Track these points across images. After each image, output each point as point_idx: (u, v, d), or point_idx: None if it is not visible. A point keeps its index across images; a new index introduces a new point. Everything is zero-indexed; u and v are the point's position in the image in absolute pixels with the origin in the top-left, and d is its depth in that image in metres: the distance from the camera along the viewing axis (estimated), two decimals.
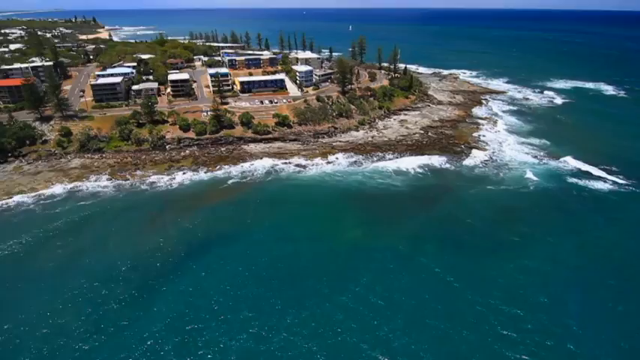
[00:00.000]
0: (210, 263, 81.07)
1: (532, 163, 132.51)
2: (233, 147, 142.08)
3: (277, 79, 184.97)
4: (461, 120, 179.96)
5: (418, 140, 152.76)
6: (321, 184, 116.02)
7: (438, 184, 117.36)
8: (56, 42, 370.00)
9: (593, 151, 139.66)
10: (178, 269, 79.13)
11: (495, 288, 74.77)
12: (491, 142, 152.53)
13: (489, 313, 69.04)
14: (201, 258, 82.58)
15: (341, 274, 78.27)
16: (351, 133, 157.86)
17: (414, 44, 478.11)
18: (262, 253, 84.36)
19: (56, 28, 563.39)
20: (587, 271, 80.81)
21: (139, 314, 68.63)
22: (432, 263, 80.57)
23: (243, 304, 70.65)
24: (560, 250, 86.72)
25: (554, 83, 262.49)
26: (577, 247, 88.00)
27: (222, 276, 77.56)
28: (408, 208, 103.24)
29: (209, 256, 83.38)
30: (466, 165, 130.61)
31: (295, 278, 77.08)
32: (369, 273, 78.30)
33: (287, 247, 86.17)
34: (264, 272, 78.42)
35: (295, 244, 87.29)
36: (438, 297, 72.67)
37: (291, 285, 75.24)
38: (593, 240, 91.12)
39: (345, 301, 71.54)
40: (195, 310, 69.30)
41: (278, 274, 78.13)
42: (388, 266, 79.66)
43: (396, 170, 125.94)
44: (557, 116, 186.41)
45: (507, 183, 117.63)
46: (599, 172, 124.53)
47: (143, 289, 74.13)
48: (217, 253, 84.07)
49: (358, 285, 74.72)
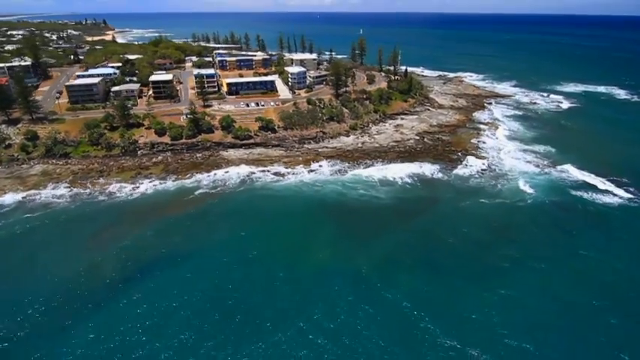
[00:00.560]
0: (148, 289, 70.18)
1: (533, 173, 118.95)
2: (210, 153, 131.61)
3: (267, 80, 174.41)
4: (461, 125, 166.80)
5: (411, 147, 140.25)
6: (297, 195, 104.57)
7: (426, 196, 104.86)
8: (60, 43, 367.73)
9: (601, 161, 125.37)
10: (109, 296, 68.45)
11: (469, 329, 62.08)
12: (490, 149, 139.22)
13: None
14: (138, 283, 71.75)
15: (293, 306, 66.43)
16: (341, 139, 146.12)
17: (421, 47, 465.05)
18: (211, 277, 73.19)
19: (65, 29, 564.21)
20: (583, 308, 67.26)
21: (51, 347, 58.07)
22: (400, 296, 68.14)
23: (169, 343, 59.44)
24: (554, 280, 73.48)
25: (563, 87, 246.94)
26: (574, 277, 74.51)
27: (157, 306, 66.57)
28: (388, 224, 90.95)
29: (148, 280, 72.52)
30: (460, 174, 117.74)
31: (239, 311, 65.56)
32: (324, 306, 66.25)
33: (241, 271, 74.85)
34: (207, 303, 67.11)
35: (251, 267, 75.92)
36: (395, 340, 60.19)
37: (232, 320, 63.76)
38: (593, 267, 77.46)
39: (286, 341, 59.68)
40: (111, 350, 58.34)
41: (221, 305, 66.75)
42: (347, 298, 67.54)
43: (382, 180, 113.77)
44: (564, 122, 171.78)
45: (503, 196, 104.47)
46: (607, 185, 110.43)
47: (63, 318, 63.58)
48: (159, 277, 73.15)
49: (307, 321, 62.79)
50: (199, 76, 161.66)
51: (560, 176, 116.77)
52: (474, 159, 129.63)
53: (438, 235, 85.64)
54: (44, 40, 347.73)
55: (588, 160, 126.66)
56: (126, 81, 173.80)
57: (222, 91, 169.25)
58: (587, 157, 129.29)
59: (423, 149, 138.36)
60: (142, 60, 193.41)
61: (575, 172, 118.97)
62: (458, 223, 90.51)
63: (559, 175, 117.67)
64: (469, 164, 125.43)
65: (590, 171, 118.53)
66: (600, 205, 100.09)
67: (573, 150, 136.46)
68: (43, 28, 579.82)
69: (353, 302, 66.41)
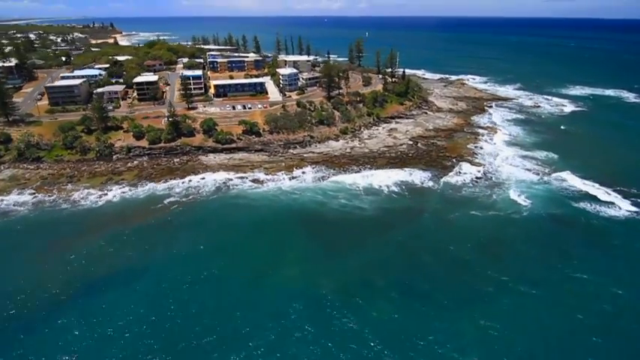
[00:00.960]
0: (89, 309, 62.37)
1: (531, 181, 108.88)
2: (188, 158, 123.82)
3: (257, 82, 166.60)
4: (458, 129, 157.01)
5: (403, 152, 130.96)
6: (273, 205, 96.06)
7: (413, 207, 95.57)
8: (62, 45, 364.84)
9: (606, 170, 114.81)
10: (45, 317, 60.68)
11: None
12: (487, 155, 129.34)
13: None
14: (79, 302, 63.92)
15: (239, 335, 57.68)
16: (329, 143, 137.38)
17: (424, 50, 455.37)
18: (158, 297, 64.96)
19: (72, 33, 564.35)
20: (576, 345, 57.38)
21: None
22: (366, 326, 59.06)
23: None
24: (544, 309, 63.74)
25: (569, 90, 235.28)
26: (567, 306, 64.46)
27: (93, 330, 58.57)
28: (368, 239, 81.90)
29: (92, 298, 64.66)
30: (452, 183, 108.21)
31: (182, 337, 57.17)
32: (275, 338, 57.34)
33: (193, 290, 66.54)
34: (148, 328, 58.85)
35: (205, 286, 67.55)
36: None
37: (173, 349, 55.33)
38: (591, 294, 67.14)
39: None
40: None
41: (162, 331, 58.47)
42: (304, 327, 58.51)
43: (368, 188, 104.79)
44: (568, 126, 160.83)
45: (497, 207, 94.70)
46: (611, 196, 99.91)
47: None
48: (103, 296, 65.20)
49: (248, 358, 53.95)
50: (184, 77, 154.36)
51: (560, 186, 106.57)
52: (469, 166, 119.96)
53: (420, 253, 76.37)
54: (45, 43, 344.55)
55: (592, 168, 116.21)
56: (112, 82, 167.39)
57: (210, 93, 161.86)
58: (590, 164, 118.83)
59: (416, 155, 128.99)
60: (131, 61, 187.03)
61: (577, 181, 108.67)
62: (443, 239, 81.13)
63: (559, 184, 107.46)
64: (463, 171, 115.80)
65: (593, 180, 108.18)
66: (603, 219, 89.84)
67: (576, 157, 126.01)
68: (51, 31, 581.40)
69: (310, 334, 57.45)
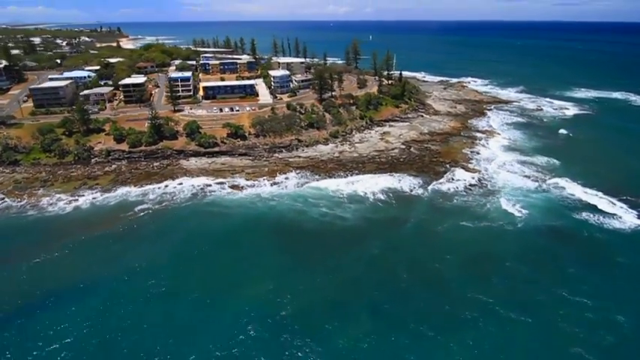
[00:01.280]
0: (31, 327, 55.94)
1: (529, 189, 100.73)
2: (169, 162, 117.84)
3: (247, 84, 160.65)
4: (455, 133, 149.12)
5: (394, 157, 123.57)
6: (248, 213, 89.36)
7: (399, 217, 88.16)
8: (67, 49, 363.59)
9: (611, 178, 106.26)
10: None
11: None
12: (484, 160, 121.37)
13: None
14: (22, 319, 57.55)
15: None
16: (317, 147, 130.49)
17: (427, 52, 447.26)
18: (105, 316, 58.48)
19: (79, 37, 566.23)
20: None
21: None
22: (328, 356, 51.71)
23: None
24: (533, 339, 55.68)
25: (575, 93, 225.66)
26: (561, 335, 56.27)
27: (30, 352, 52.15)
28: (345, 254, 74.67)
29: (37, 315, 58.36)
30: (443, 191, 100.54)
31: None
32: None
33: (141, 310, 59.85)
34: (83, 355, 52.24)
35: (155, 305, 60.98)
36: None
37: None
38: (589, 321, 58.74)
39: None
40: None
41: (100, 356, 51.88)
42: (257, 357, 51.48)
43: (352, 196, 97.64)
44: (572, 131, 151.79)
45: (490, 218, 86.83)
46: (616, 207, 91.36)
47: None
48: (49, 313, 59.01)
49: None
50: (171, 79, 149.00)
51: (560, 194, 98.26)
52: (463, 172, 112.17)
53: (400, 270, 68.89)
54: (49, 47, 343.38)
55: (595, 175, 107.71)
56: (100, 84, 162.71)
57: (199, 96, 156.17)
58: (594, 171, 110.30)
59: (407, 160, 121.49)
60: (122, 63, 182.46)
61: (578, 189, 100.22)
62: (427, 254, 73.64)
63: (559, 193, 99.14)
64: (456, 178, 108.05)
65: (597, 188, 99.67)
66: (606, 233, 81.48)
67: (579, 163, 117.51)
68: (59, 35, 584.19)
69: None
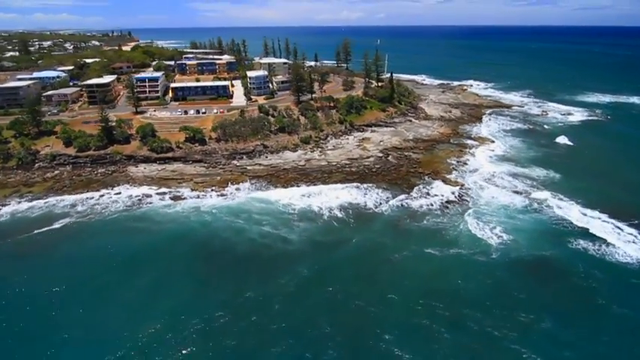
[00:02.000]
0: None
1: (518, 209, 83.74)
2: (116, 168, 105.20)
3: (219, 85, 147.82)
4: (443, 140, 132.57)
5: (367, 166, 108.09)
6: (177, 231, 75.40)
7: (352, 240, 72.75)
8: (71, 52, 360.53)
9: (620, 198, 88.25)
10: None
11: None
12: (470, 172, 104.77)
13: None
14: None
15: None
16: (284, 154, 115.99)
17: (432, 56, 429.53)
18: None
19: (89, 41, 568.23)
20: None
21: None
22: None
23: None
24: None
25: (587, 97, 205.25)
26: None
27: None
28: (265, 289, 59.44)
29: None
30: (414, 208, 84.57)
31: None
32: None
33: None
34: None
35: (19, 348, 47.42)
36: None
37: None
38: None
39: None
40: None
41: None
42: None
43: (304, 212, 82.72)
44: (579, 139, 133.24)
45: (463, 244, 70.51)
46: (623, 235, 73.52)
47: None
48: None
49: None
50: (137, 79, 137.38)
51: (555, 216, 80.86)
52: (442, 185, 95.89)
53: (324, 316, 53.51)
54: (52, 49, 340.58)
55: (601, 193, 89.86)
56: (70, 85, 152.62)
57: (167, 97, 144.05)
58: (599, 189, 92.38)
59: (381, 170, 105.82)
60: (97, 64, 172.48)
61: (578, 210, 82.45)
62: (369, 294, 57.96)
63: (554, 213, 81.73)
64: (433, 193, 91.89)
65: (601, 210, 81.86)
66: (608, 270, 64.10)
67: (582, 178, 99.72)
68: (72, 39, 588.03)
69: None
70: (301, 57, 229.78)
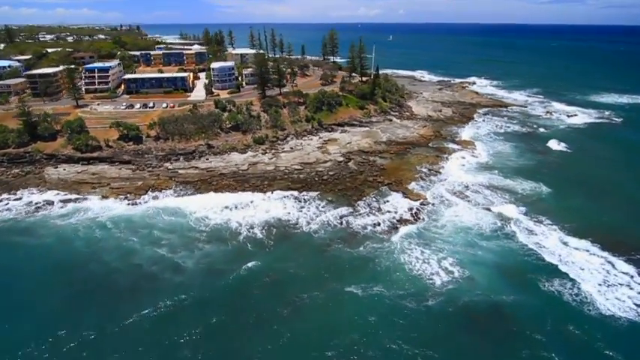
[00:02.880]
0: None
1: (483, 233, 66.50)
2: (32, 168, 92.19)
3: (176, 77, 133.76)
4: (421, 143, 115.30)
5: (320, 173, 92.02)
6: (51, 249, 61.50)
7: (261, 271, 57.22)
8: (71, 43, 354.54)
9: (618, 224, 69.80)
10: None
11: None
12: (440, 182, 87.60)
13: None
14: None
15: None
16: (229, 156, 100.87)
17: (443, 52, 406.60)
18: None
19: (96, 35, 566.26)
20: None
21: None
22: None
23: None
24: None
25: (601, 97, 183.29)
26: None
27: None
28: (123, 346, 45.13)
29: None
30: (355, 228, 68.33)
31: None
32: None
33: None
34: None
35: None
36: None
37: None
38: None
39: None
40: None
41: None
42: None
43: (219, 229, 67.57)
44: (581, 145, 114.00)
45: (394, 282, 53.99)
46: (616, 275, 55.73)
47: None
48: None
49: None
50: (86, 69, 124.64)
51: (531, 244, 63.28)
52: (401, 199, 79.29)
53: None
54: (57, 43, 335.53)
55: (595, 216, 71.77)
56: (21, 75, 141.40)
57: (119, 90, 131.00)
58: (594, 210, 74.23)
59: (335, 178, 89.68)
60: (57, 53, 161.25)
61: (559, 239, 64.70)
62: (255, 350, 42.62)
63: (530, 241, 64.17)
64: (386, 208, 75.42)
65: (592, 238, 63.95)
66: (589, 324, 46.92)
67: (575, 194, 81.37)
68: (81, 33, 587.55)
69: None
70: (287, 50, 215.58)
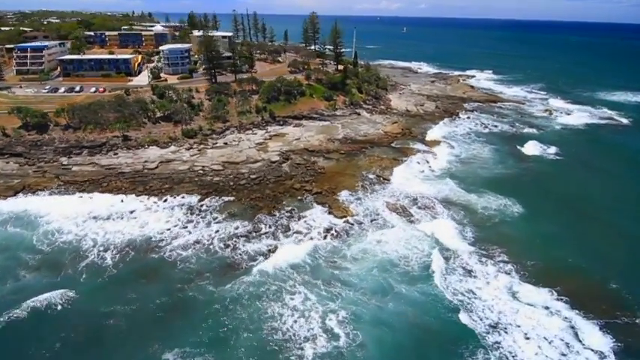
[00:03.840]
0: None
1: (408, 272, 48.05)
2: None
3: (119, 59, 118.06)
4: (384, 142, 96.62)
5: (241, 175, 74.85)
6: None
7: (60, 316, 41.19)
8: None
9: (596, 271, 50.19)
10: None
11: None
12: (385, 192, 69.29)
13: None
14: None
15: None
16: (144, 151, 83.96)
17: (452, 45, 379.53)
18: None
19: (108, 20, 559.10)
20: None
21: None
22: None
23: None
24: None
25: (612, 95, 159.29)
26: None
27: None
28: None
29: None
30: (239, 255, 51.11)
31: None
32: None
33: None
34: None
35: None
36: None
37: None
38: None
39: None
40: None
41: None
42: None
43: (63, 248, 51.51)
44: (575, 151, 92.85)
45: (248, 352, 37.02)
46: (580, 357, 37.26)
47: None
48: None
49: None
50: (19, 48, 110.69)
51: (464, 293, 44.77)
52: (322, 214, 61.55)
53: None
54: None
55: (567, 254, 52.56)
56: None
57: (54, 72, 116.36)
58: (569, 245, 54.86)
59: (256, 182, 72.29)
60: (5, 33, 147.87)
61: (503, 288, 45.88)
62: None
63: (464, 287, 45.45)
64: (296, 228, 57.73)
65: (557, 290, 45.12)
66: None
67: (551, 220, 61.76)
68: (90, 18, 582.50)
69: None
70: (269, 36, 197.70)
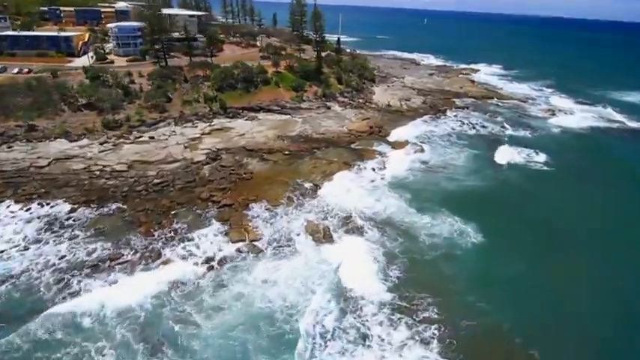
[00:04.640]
0: None
1: (285, 331, 33.21)
2: None
3: (60, 36, 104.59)
4: (342, 142, 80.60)
5: (144, 179, 60.52)
6: None
7: None
8: None
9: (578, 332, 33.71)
10: None
11: None
12: (312, 208, 53.78)
13: None
14: None
15: None
16: (47, 144, 69.14)
17: (469, 39, 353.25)
18: None
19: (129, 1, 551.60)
20: None
21: None
22: None
23: None
24: None
25: (627, 95, 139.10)
26: None
27: None
28: None
29: None
30: (64, 320, 37.07)
31: None
32: None
33: None
34: None
35: None
36: None
37: None
38: None
39: None
40: None
41: None
42: None
43: None
44: (570, 161, 74.88)
45: None
46: None
47: None
48: None
49: None
50: None
51: None
52: (216, 237, 46.65)
53: None
54: None
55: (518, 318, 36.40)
56: None
57: None
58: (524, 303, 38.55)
59: (156, 189, 57.74)
60: None
61: None
62: None
63: (367, 350, 30.61)
64: (168, 256, 43.07)
65: None
66: None
67: (513, 259, 45.20)
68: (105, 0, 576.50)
69: None
70: (257, 19, 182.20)
